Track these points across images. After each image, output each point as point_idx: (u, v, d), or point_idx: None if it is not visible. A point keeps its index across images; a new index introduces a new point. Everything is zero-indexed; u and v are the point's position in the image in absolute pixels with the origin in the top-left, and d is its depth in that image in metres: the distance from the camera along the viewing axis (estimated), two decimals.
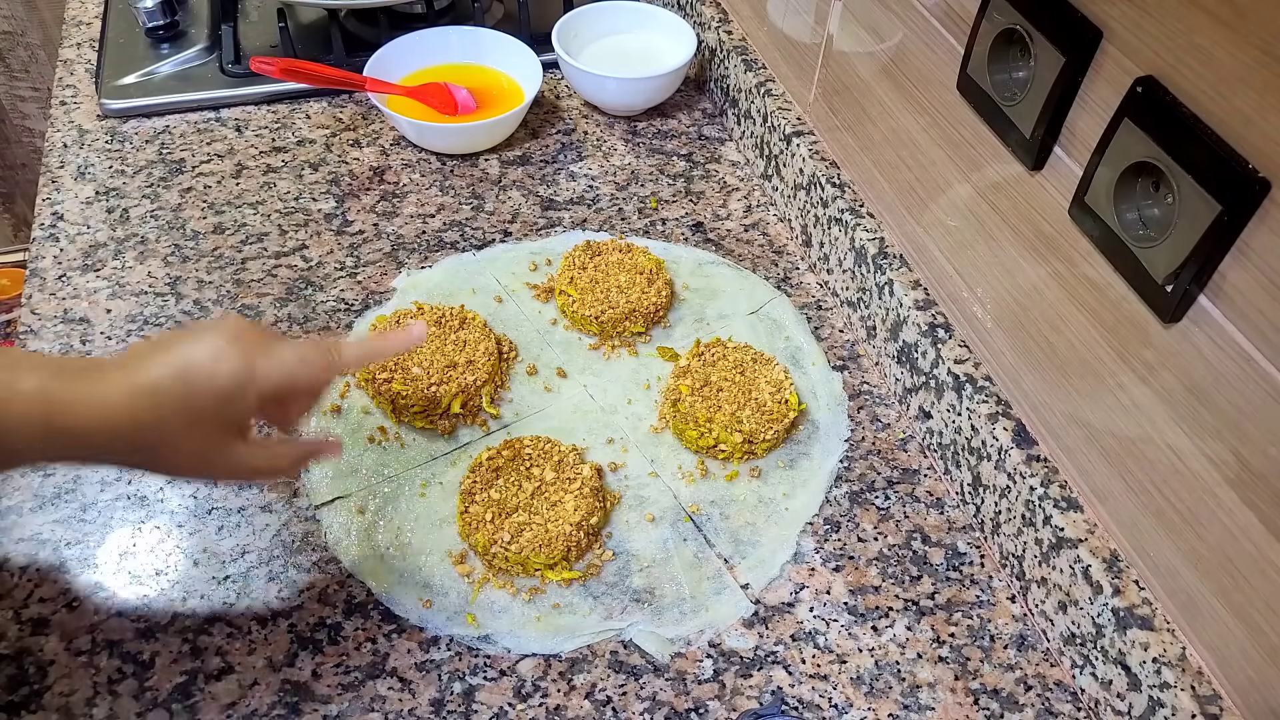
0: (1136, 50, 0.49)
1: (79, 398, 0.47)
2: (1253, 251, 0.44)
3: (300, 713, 0.56)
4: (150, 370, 0.48)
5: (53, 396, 0.46)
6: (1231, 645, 0.50)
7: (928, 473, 0.70)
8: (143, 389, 0.48)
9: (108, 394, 0.47)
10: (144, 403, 0.48)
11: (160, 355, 0.49)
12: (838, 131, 0.81)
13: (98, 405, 0.47)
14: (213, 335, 0.50)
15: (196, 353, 0.49)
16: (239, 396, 0.50)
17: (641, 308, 0.76)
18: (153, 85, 0.95)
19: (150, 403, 0.48)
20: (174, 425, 0.48)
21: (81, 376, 0.47)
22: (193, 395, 0.48)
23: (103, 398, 0.47)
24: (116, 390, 0.47)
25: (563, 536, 0.61)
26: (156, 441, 0.49)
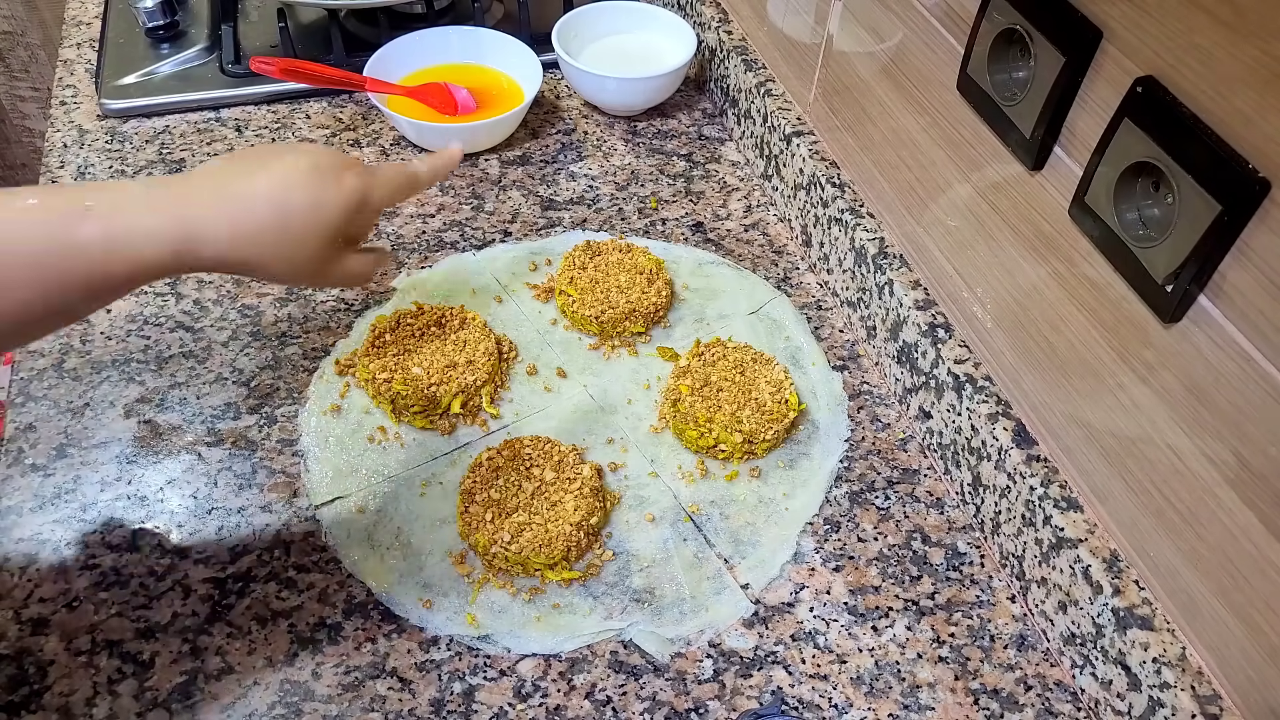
0: (1136, 50, 0.49)
1: (200, 236, 0.51)
2: (1253, 251, 0.45)
3: (300, 713, 0.56)
4: (251, 211, 0.53)
5: (175, 242, 0.50)
6: (1231, 645, 0.50)
7: (928, 473, 0.70)
8: (243, 230, 0.52)
9: (216, 233, 0.51)
10: (247, 243, 0.52)
11: (254, 195, 0.53)
12: (838, 131, 0.81)
13: (210, 243, 0.51)
14: (324, 162, 0.55)
15: (295, 199, 0.53)
16: (357, 214, 0.56)
17: (641, 308, 0.76)
18: (153, 85, 0.95)
19: (254, 250, 0.53)
20: (277, 263, 0.54)
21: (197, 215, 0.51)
22: (313, 220, 0.54)
23: (214, 236, 0.51)
24: (222, 228, 0.51)
25: (563, 536, 0.61)
26: (269, 268, 0.54)
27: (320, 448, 0.68)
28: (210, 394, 0.71)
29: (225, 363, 0.73)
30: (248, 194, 0.52)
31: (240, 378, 0.73)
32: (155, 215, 0.50)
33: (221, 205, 0.52)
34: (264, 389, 0.72)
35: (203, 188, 0.52)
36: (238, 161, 0.54)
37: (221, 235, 0.51)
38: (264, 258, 0.53)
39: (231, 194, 0.52)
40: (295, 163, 0.54)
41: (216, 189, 0.52)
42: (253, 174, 0.53)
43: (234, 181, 0.53)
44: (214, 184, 0.52)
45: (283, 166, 0.54)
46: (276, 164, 0.54)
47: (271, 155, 0.55)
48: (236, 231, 0.52)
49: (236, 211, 0.52)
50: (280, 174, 0.53)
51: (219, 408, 0.70)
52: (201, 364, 0.73)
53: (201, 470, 0.67)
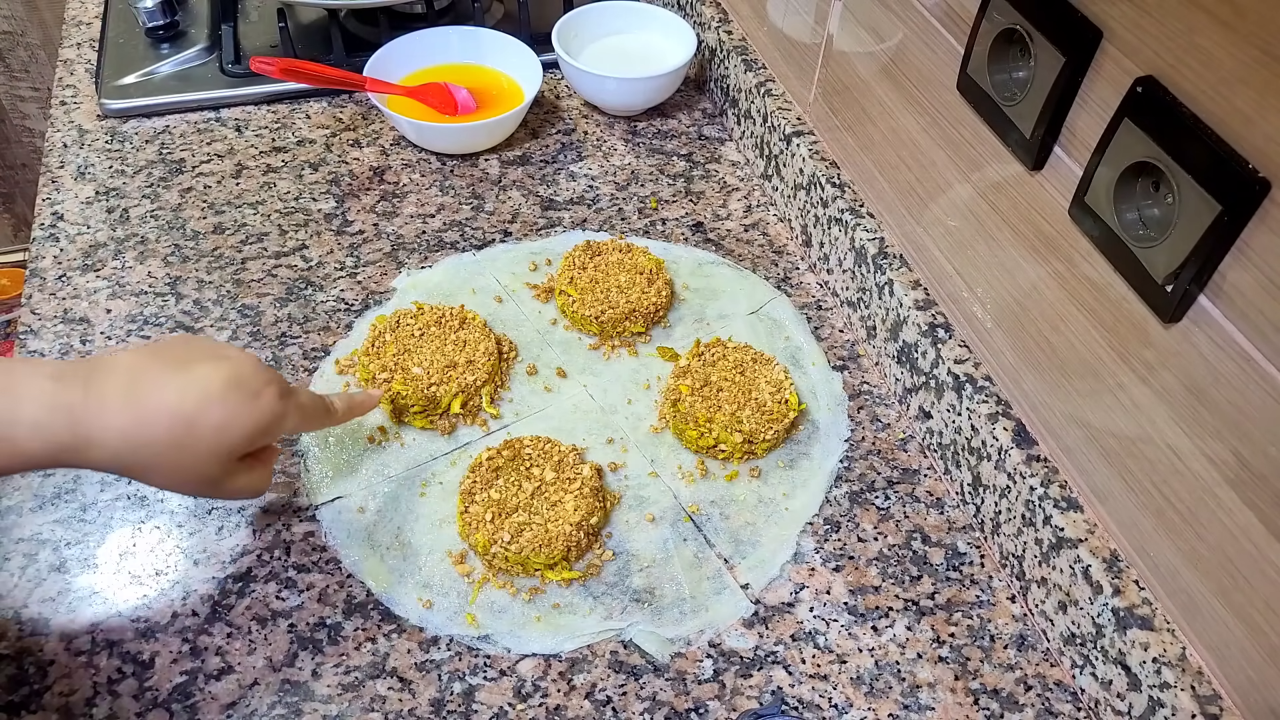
0: (1136, 50, 0.49)
1: (90, 437, 0.50)
2: (1253, 251, 0.45)
3: (300, 713, 0.56)
4: (151, 422, 0.51)
5: (59, 439, 0.49)
6: (1231, 645, 0.50)
7: (928, 473, 0.70)
8: (139, 439, 0.50)
9: (108, 437, 0.50)
10: (141, 451, 0.51)
11: (160, 406, 0.51)
12: (838, 131, 0.81)
13: (99, 446, 0.50)
14: (243, 386, 0.53)
15: (201, 418, 0.52)
16: (265, 435, 0.54)
17: (641, 308, 0.76)
18: (153, 85, 0.95)
19: (145, 460, 0.51)
20: (166, 475, 0.53)
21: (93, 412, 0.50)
22: (221, 433, 0.52)
23: (103, 440, 0.50)
24: (115, 433, 0.50)
25: (563, 536, 0.61)
26: (152, 476, 0.53)
27: (320, 448, 0.68)
28: None
29: None
30: (153, 405, 0.50)
31: None
32: (50, 412, 0.48)
33: (123, 412, 0.50)
34: None
35: (113, 389, 0.50)
36: (159, 358, 0.52)
37: (111, 443, 0.49)
38: (153, 468, 0.52)
39: (137, 401, 0.50)
40: (213, 374, 0.52)
41: (125, 392, 0.50)
42: (166, 382, 0.51)
43: (144, 387, 0.50)
44: (125, 386, 0.50)
45: (200, 378, 0.51)
46: (195, 373, 0.51)
47: (195, 359, 0.52)
48: (130, 442, 0.50)
49: (135, 422, 0.50)
50: (195, 388, 0.51)
51: None
52: None
53: None
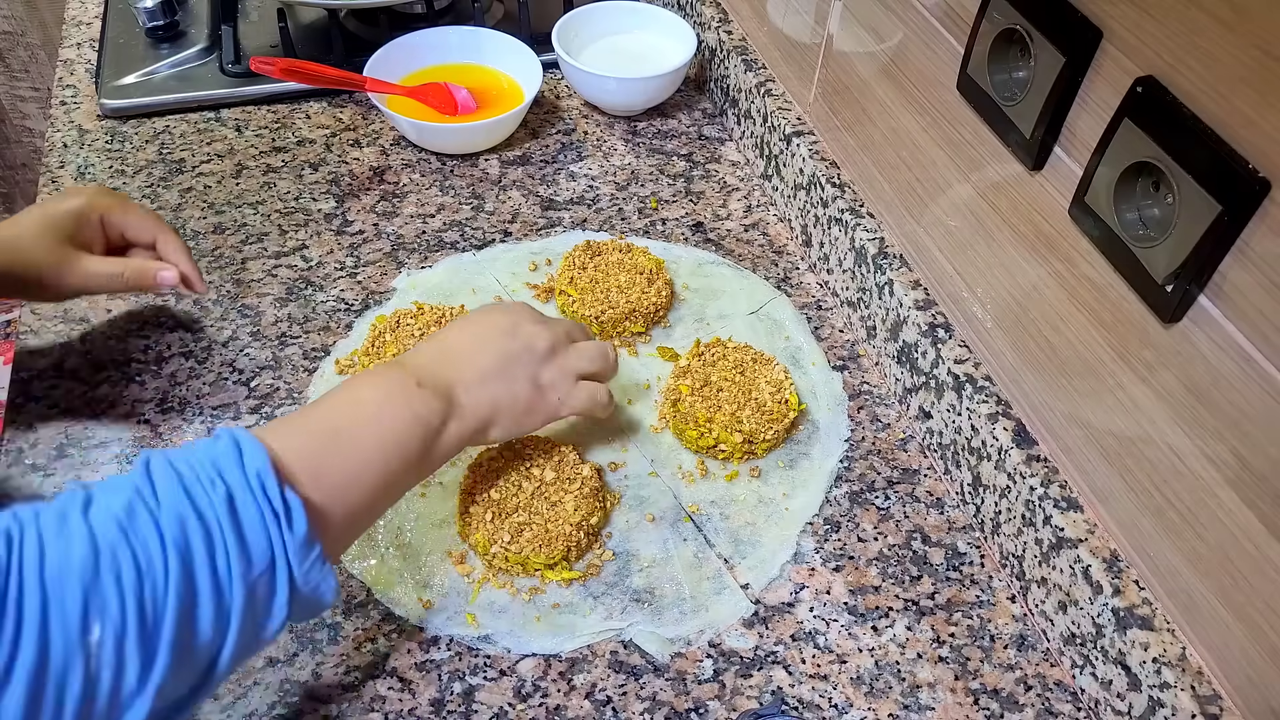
0: (1136, 50, 0.49)
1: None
2: (1253, 251, 0.45)
3: (300, 713, 0.56)
4: (23, 214, 0.66)
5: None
6: (1231, 645, 0.50)
7: (928, 473, 0.70)
8: (17, 226, 0.65)
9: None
10: (15, 232, 0.64)
11: (32, 206, 0.67)
12: (838, 131, 0.81)
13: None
14: (73, 190, 0.69)
15: (53, 199, 0.67)
16: (84, 218, 0.66)
17: (641, 308, 0.76)
18: (153, 85, 0.95)
19: (20, 229, 0.64)
20: (36, 242, 0.64)
21: None
22: (46, 214, 0.65)
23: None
24: (3, 230, 0.64)
25: (563, 536, 0.61)
26: (17, 241, 0.64)
27: None
28: (210, 394, 0.71)
29: (225, 363, 0.73)
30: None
31: (240, 378, 0.73)
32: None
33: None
34: (264, 389, 0.72)
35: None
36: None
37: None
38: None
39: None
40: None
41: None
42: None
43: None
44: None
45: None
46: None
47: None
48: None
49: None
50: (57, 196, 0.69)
51: (219, 408, 0.70)
52: (201, 364, 0.73)
53: None
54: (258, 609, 0.44)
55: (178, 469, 0.43)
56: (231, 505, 0.43)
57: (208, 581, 0.42)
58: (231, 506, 0.43)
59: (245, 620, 0.43)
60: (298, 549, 0.44)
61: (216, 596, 0.42)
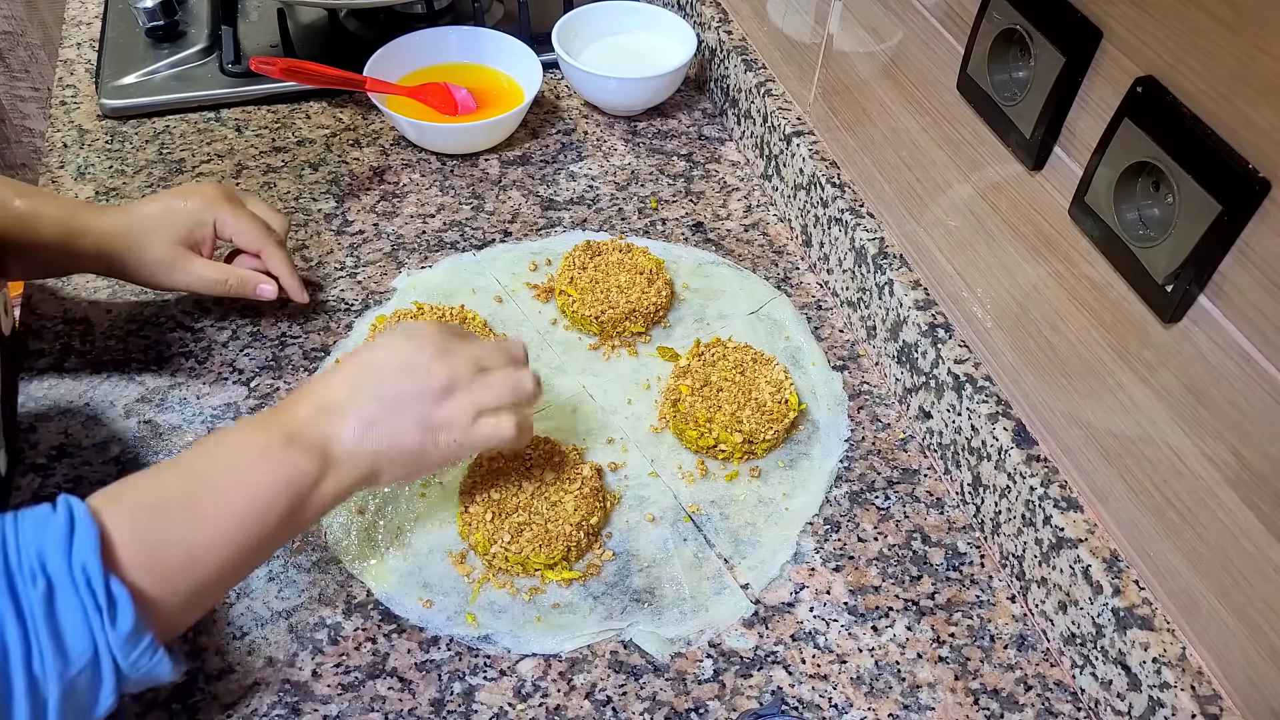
0: (1136, 50, 0.49)
1: (90, 225, 0.66)
2: (1253, 251, 0.45)
3: (300, 713, 0.56)
4: (143, 203, 0.69)
5: (72, 225, 0.66)
6: (1231, 645, 0.50)
7: (928, 473, 0.70)
8: (132, 210, 0.68)
9: (109, 221, 0.67)
10: (131, 221, 0.68)
11: (153, 197, 0.70)
12: (838, 131, 0.81)
13: (101, 229, 0.67)
14: (200, 186, 0.71)
15: (174, 195, 0.70)
16: (199, 222, 0.69)
17: (641, 308, 0.76)
18: (153, 85, 0.95)
19: (137, 217, 0.68)
20: (151, 235, 0.68)
21: (93, 211, 0.68)
22: (167, 211, 0.69)
23: (104, 224, 0.67)
24: (119, 217, 0.68)
25: (563, 536, 0.61)
26: (135, 235, 0.67)
27: None
28: (210, 394, 0.71)
29: (225, 363, 0.73)
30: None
31: (240, 378, 0.73)
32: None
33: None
34: (264, 389, 0.72)
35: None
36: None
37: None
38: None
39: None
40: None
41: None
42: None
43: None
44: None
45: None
46: None
47: None
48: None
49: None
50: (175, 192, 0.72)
51: (219, 408, 0.70)
52: (201, 364, 0.73)
53: None
54: (80, 701, 0.42)
55: (6, 554, 0.41)
56: (50, 603, 0.41)
57: (22, 680, 0.40)
58: (50, 604, 0.41)
59: (65, 713, 0.42)
60: (123, 643, 0.42)
61: (32, 694, 0.41)
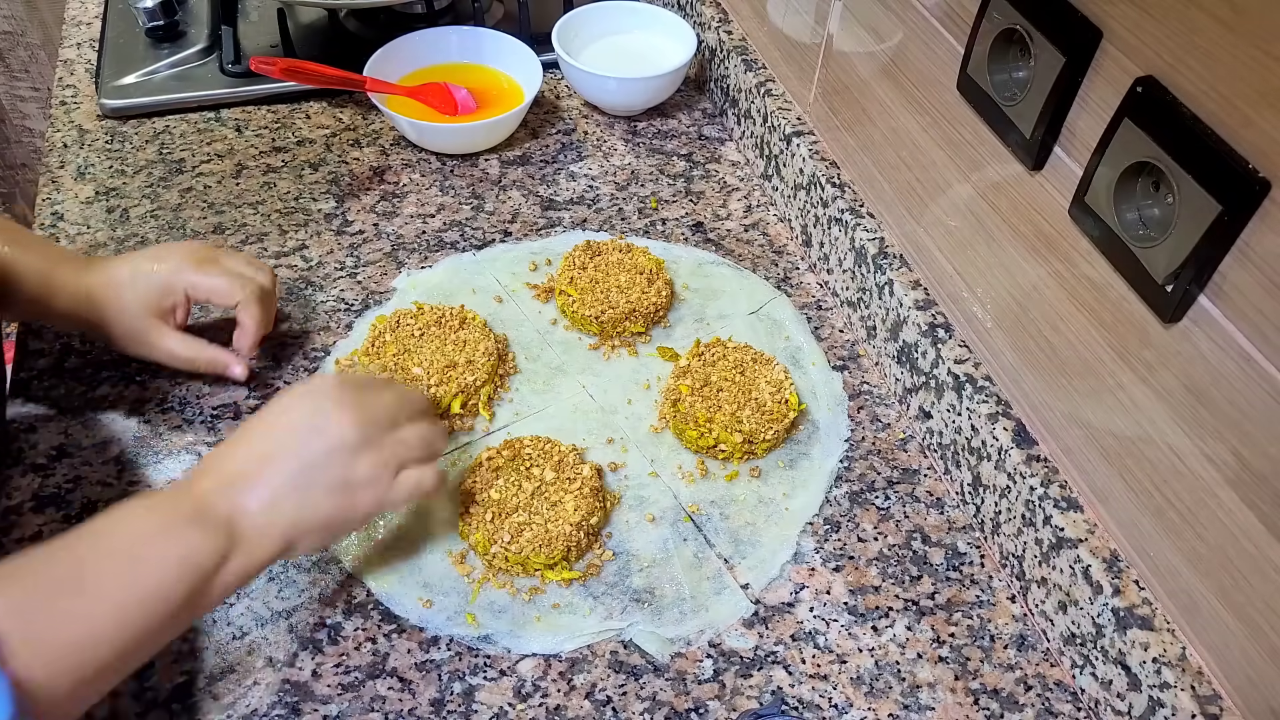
0: (1136, 50, 0.49)
1: (66, 283, 0.65)
2: (1253, 251, 0.45)
3: (300, 713, 0.56)
4: (114, 264, 0.66)
5: (50, 280, 0.64)
6: (1231, 645, 0.50)
7: (928, 473, 0.70)
8: (104, 276, 0.65)
9: (83, 281, 0.65)
10: (102, 282, 0.65)
11: (125, 257, 0.67)
12: (838, 131, 0.81)
13: (74, 290, 0.65)
14: (171, 247, 0.68)
15: (145, 257, 0.67)
16: (168, 289, 0.66)
17: (641, 308, 0.76)
18: (153, 85, 0.95)
19: (106, 281, 0.65)
20: (118, 301, 0.65)
21: (71, 268, 0.66)
22: (134, 277, 0.66)
23: (78, 284, 0.65)
24: (90, 278, 0.65)
25: (563, 536, 0.61)
26: (104, 306, 0.65)
27: None
28: (210, 394, 0.71)
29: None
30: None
31: None
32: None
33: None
34: (264, 389, 0.72)
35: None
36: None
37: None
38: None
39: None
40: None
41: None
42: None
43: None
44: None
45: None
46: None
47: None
48: None
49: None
50: (146, 253, 0.68)
51: (219, 408, 0.70)
52: None
53: None
54: None
55: None
56: None
57: None
58: None
59: None
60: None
61: None
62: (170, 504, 0.49)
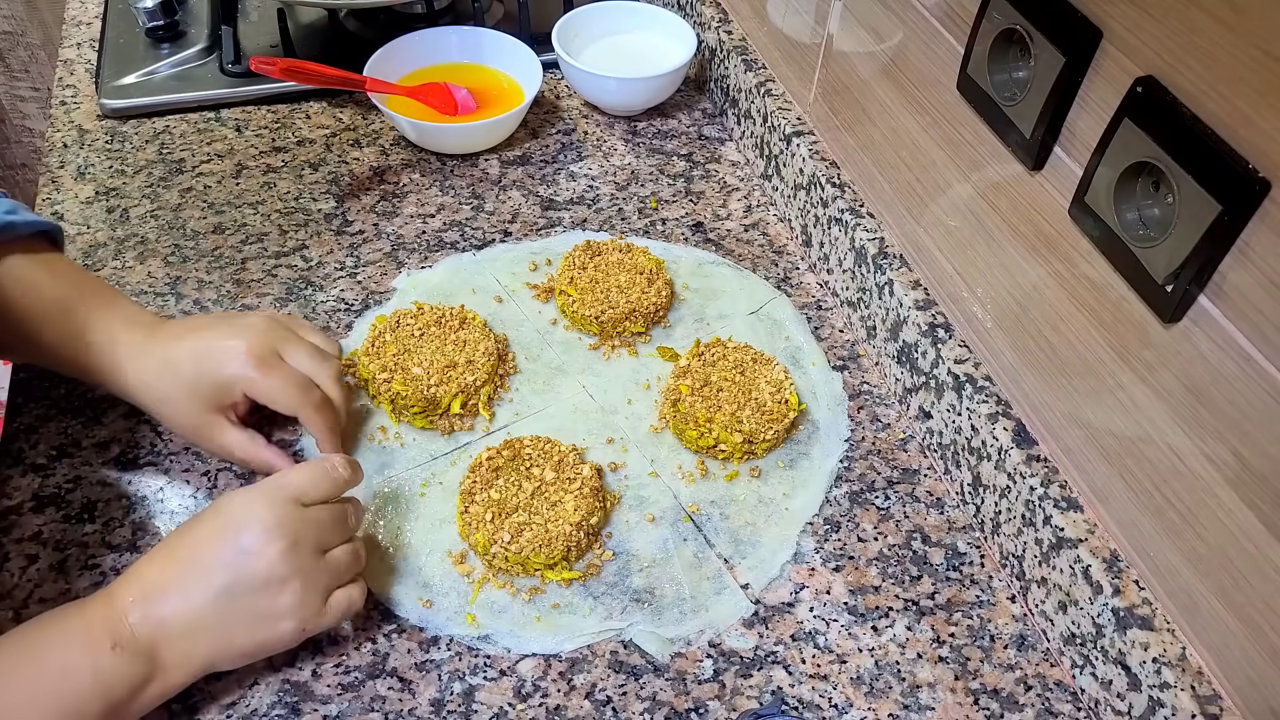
0: (1136, 50, 0.49)
1: (129, 359, 0.62)
2: (1253, 251, 0.45)
3: (300, 713, 0.56)
4: (177, 346, 0.62)
5: (111, 357, 0.62)
6: (1231, 645, 0.50)
7: (928, 473, 0.70)
8: (166, 361, 0.62)
9: (147, 359, 0.62)
10: (162, 370, 0.62)
11: (190, 335, 0.63)
12: (838, 131, 0.81)
13: (136, 369, 0.62)
14: (235, 335, 0.63)
15: (213, 343, 0.63)
16: (228, 390, 0.62)
17: (641, 308, 0.76)
18: (153, 85, 0.95)
19: (167, 371, 0.62)
20: (176, 392, 0.62)
21: (137, 337, 0.63)
22: (196, 375, 0.62)
23: (142, 362, 0.62)
24: (152, 358, 0.62)
25: (563, 536, 0.61)
26: (165, 399, 0.62)
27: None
28: None
29: None
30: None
31: None
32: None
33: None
34: None
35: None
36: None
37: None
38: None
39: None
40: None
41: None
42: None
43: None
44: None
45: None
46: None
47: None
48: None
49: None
50: (214, 334, 0.64)
51: None
52: None
53: (201, 470, 0.67)
54: None
55: None
56: None
57: None
58: None
59: None
60: None
61: None
62: (91, 627, 0.49)
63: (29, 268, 0.61)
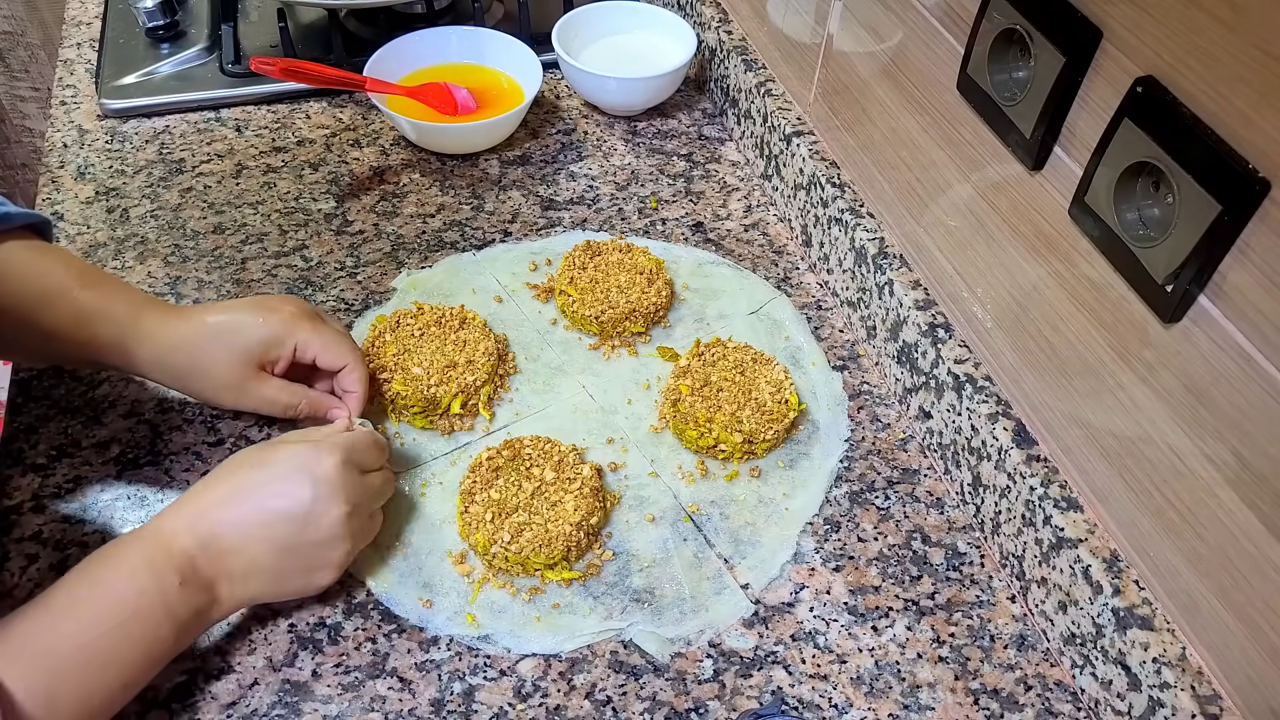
0: (1136, 50, 0.49)
1: (154, 331, 0.63)
2: (1253, 251, 0.45)
3: (300, 713, 0.56)
4: (210, 314, 0.64)
5: (134, 327, 0.62)
6: (1231, 645, 0.50)
7: (928, 473, 0.70)
8: (201, 327, 0.63)
9: (173, 329, 0.63)
10: (196, 330, 0.63)
11: (219, 308, 0.65)
12: (838, 131, 0.81)
13: (162, 338, 0.63)
14: (277, 300, 0.66)
15: (248, 308, 0.64)
16: (276, 344, 0.64)
17: (641, 308, 0.76)
18: (153, 85, 0.95)
19: (202, 330, 0.63)
20: (216, 350, 0.63)
21: (157, 315, 0.63)
22: (239, 333, 0.63)
23: (166, 331, 0.63)
24: (184, 326, 0.63)
25: (563, 536, 0.61)
26: (196, 364, 0.63)
27: None
28: None
29: None
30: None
31: None
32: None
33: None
34: None
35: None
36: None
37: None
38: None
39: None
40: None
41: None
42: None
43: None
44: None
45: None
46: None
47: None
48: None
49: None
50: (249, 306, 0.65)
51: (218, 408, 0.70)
52: None
53: (201, 470, 0.67)
54: None
55: None
56: None
57: None
58: None
59: None
60: None
61: None
62: (159, 567, 0.52)
63: (28, 253, 0.62)
